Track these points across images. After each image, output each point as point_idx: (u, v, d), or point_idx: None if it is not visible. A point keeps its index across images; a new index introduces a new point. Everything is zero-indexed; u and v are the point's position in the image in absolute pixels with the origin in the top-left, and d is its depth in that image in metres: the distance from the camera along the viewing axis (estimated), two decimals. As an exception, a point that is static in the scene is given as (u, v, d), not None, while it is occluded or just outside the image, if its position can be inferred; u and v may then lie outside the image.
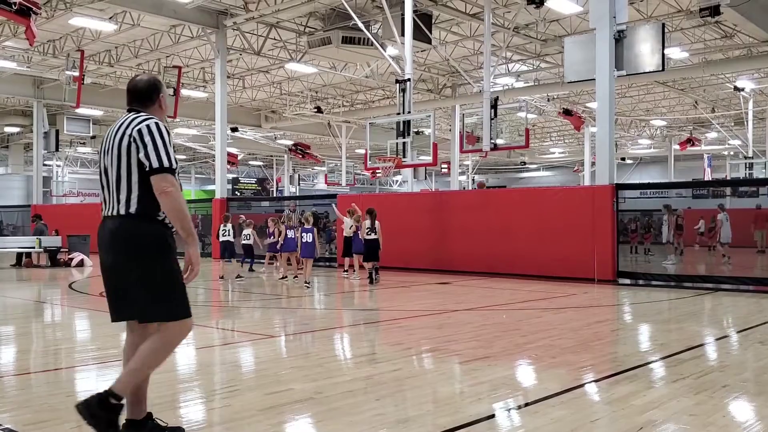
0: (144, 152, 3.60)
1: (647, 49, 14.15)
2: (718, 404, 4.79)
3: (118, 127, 3.75)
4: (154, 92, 3.92)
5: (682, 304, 11.13)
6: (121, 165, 3.66)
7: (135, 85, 3.90)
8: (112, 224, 3.71)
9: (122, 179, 3.66)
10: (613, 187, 14.14)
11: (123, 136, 3.68)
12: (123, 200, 3.66)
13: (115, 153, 3.69)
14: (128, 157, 3.65)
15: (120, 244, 3.68)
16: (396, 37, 17.26)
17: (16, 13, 14.75)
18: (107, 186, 3.76)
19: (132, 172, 3.65)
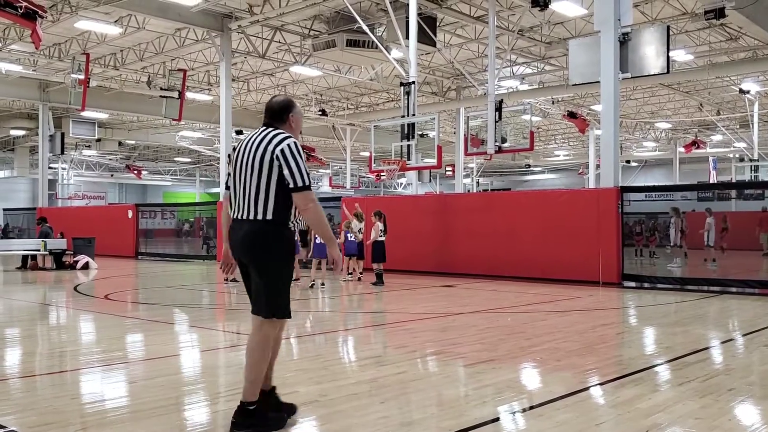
0: (288, 171, 4.05)
1: (652, 52, 14.13)
2: (724, 408, 4.77)
3: (259, 141, 4.16)
4: (285, 112, 4.36)
5: (688, 307, 11.10)
6: (262, 177, 4.09)
7: (271, 104, 4.41)
8: (249, 227, 4.13)
9: (261, 189, 4.10)
10: (618, 189, 14.11)
11: (265, 151, 4.09)
12: (261, 208, 4.09)
13: (256, 165, 4.10)
14: (269, 171, 4.08)
15: (258, 246, 4.11)
16: (400, 40, 17.27)
17: (21, 16, 14.82)
18: (243, 192, 4.18)
19: (271, 184, 4.08)
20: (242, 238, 4.16)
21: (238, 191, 4.22)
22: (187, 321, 9.82)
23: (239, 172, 4.21)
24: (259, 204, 4.10)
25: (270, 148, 4.10)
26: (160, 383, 5.60)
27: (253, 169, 4.11)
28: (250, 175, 4.12)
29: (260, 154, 4.11)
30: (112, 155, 47.91)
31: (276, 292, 4.16)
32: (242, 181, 4.17)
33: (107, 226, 25.50)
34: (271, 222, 4.10)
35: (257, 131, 4.27)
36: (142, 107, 30.83)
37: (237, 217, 4.21)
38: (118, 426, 4.36)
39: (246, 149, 4.21)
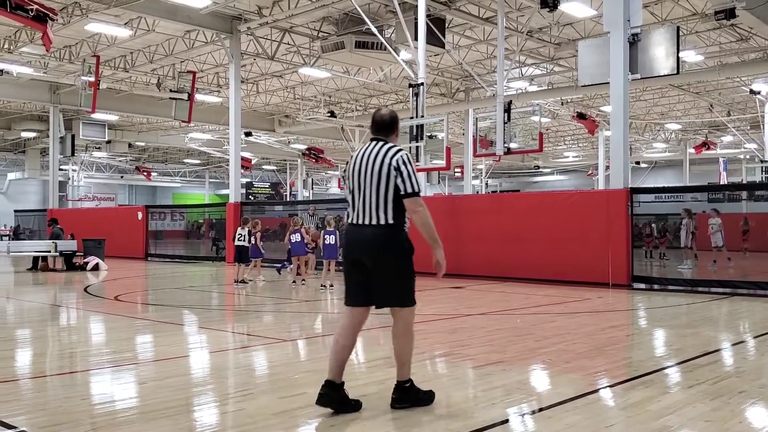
0: (401, 179, 4.56)
1: (662, 53, 14.07)
2: (735, 410, 4.74)
3: (376, 154, 4.64)
4: (394, 125, 4.85)
5: (698, 309, 11.04)
6: (381, 186, 4.59)
7: (381, 117, 4.83)
8: (372, 231, 4.62)
9: (381, 197, 4.59)
10: (628, 191, 14.05)
11: (383, 164, 4.59)
12: (382, 213, 4.60)
13: (375, 176, 4.59)
14: (387, 181, 4.58)
15: (382, 246, 4.64)
16: (409, 42, 17.27)
17: (32, 19, 14.90)
18: (363, 200, 4.65)
19: (389, 192, 4.58)
20: (365, 240, 4.64)
21: (357, 199, 4.68)
22: (197, 322, 9.85)
23: (358, 182, 4.67)
24: (380, 210, 4.60)
25: (387, 160, 4.59)
26: (170, 384, 5.62)
27: (372, 179, 4.60)
28: (370, 184, 4.60)
29: (378, 167, 4.59)
30: (122, 157, 48.13)
31: (403, 285, 4.78)
32: (362, 190, 4.64)
33: (117, 227, 25.60)
34: (391, 225, 4.63)
35: (370, 145, 4.73)
36: (151, 109, 30.96)
37: (358, 222, 4.67)
38: (127, 427, 4.38)
39: (363, 162, 4.67)
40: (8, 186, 47.42)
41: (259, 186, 56.90)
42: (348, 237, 4.78)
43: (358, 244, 4.69)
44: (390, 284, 4.74)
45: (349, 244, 4.76)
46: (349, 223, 4.77)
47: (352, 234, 4.74)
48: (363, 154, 4.70)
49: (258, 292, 13.60)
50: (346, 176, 4.82)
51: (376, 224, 4.62)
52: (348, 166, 4.80)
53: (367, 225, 4.64)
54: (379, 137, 4.77)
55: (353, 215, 4.73)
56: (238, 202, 22.72)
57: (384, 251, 4.65)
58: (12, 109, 34.25)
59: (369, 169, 4.62)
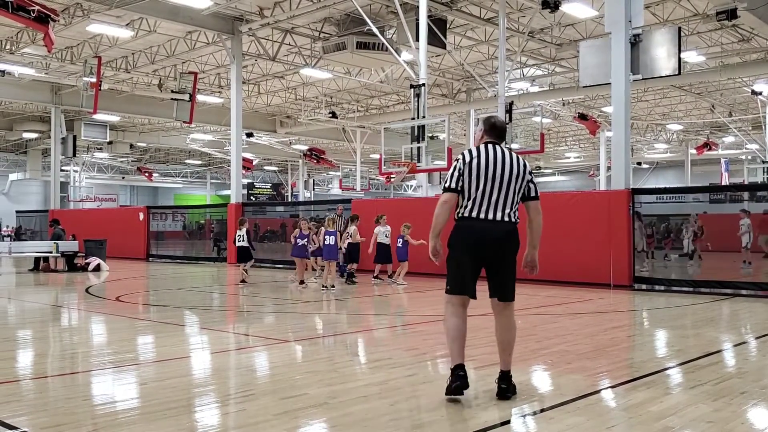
0: (533, 184, 5.13)
1: (663, 53, 14.06)
2: (737, 411, 4.74)
3: (511, 158, 5.07)
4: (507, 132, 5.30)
5: (700, 310, 11.03)
6: (518, 188, 5.03)
7: (500, 125, 5.24)
8: (509, 228, 5.01)
9: (516, 198, 5.04)
10: (629, 191, 14.05)
11: (519, 169, 5.05)
12: (514, 212, 5.03)
13: (515, 178, 5.01)
14: (522, 184, 5.05)
15: (514, 243, 5.06)
16: (411, 42, 17.27)
17: (34, 20, 14.92)
18: (496, 198, 4.98)
19: (518, 194, 5.06)
20: (502, 235, 4.98)
21: (490, 195, 4.97)
22: (198, 323, 9.85)
23: (490, 180, 4.97)
24: (513, 209, 5.02)
25: (521, 166, 5.07)
26: (171, 385, 5.62)
27: (512, 180, 5.00)
28: (508, 184, 4.99)
29: (517, 170, 5.04)
30: (124, 158, 48.17)
31: (514, 279, 5.20)
32: (500, 188, 4.98)
33: (118, 228, 25.62)
34: (516, 224, 5.04)
35: (498, 148, 5.10)
36: (153, 110, 31.00)
37: (488, 218, 4.97)
38: (129, 427, 4.38)
39: (500, 162, 5.02)
40: (10, 187, 47.46)
41: (261, 187, 56.92)
42: (477, 230, 4.99)
43: (492, 238, 4.98)
44: (512, 278, 5.14)
45: (480, 238, 4.99)
46: (473, 217, 4.98)
47: (482, 228, 4.99)
48: (496, 155, 5.04)
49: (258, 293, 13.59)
50: (470, 169, 5.00)
51: (508, 221, 5.00)
52: (474, 160, 5.01)
53: (502, 221, 4.98)
54: (496, 141, 5.15)
55: (480, 209, 4.98)
56: (239, 202, 22.73)
57: (515, 247, 5.06)
58: (14, 109, 34.29)
59: (508, 171, 5.00)
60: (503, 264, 5.06)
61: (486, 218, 4.97)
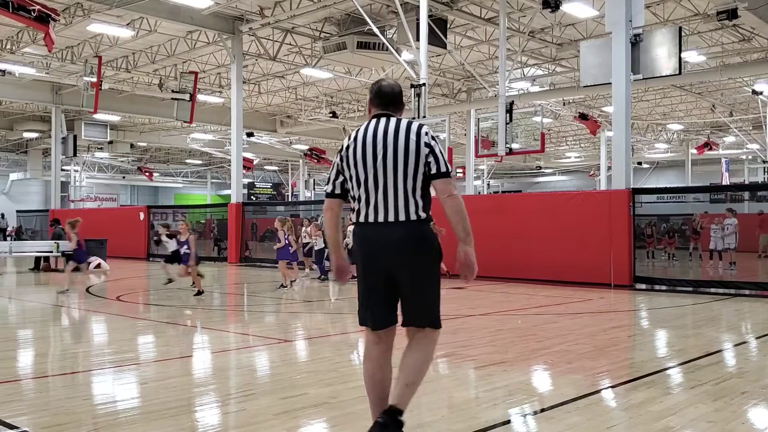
0: (433, 157, 3.80)
1: (664, 53, 14.06)
2: (737, 411, 4.73)
3: (395, 131, 3.81)
4: (402, 97, 4.06)
5: (700, 310, 11.03)
6: (409, 171, 3.80)
7: (391, 88, 4.00)
8: (404, 230, 3.85)
9: (410, 185, 3.82)
10: (630, 191, 14.05)
11: (409, 143, 3.78)
12: (413, 206, 3.83)
13: (401, 159, 3.78)
14: (417, 164, 3.79)
15: (418, 249, 3.88)
16: (411, 42, 17.26)
17: (35, 20, 14.92)
18: (384, 192, 3.85)
19: (418, 177, 3.82)
20: (396, 241, 3.75)
21: (373, 191, 3.79)
22: (198, 323, 9.85)
23: (374, 168, 3.78)
24: (410, 202, 3.77)
25: (414, 138, 3.77)
26: (172, 384, 5.62)
27: (397, 163, 3.75)
28: (394, 170, 3.75)
29: (404, 146, 3.76)
30: (124, 157, 48.17)
31: (438, 298, 3.93)
32: (382, 178, 3.77)
33: (119, 227, 25.63)
34: (425, 220, 3.82)
35: (381, 122, 3.87)
36: (153, 109, 30.99)
37: (378, 220, 3.79)
38: (129, 427, 4.38)
39: (379, 142, 3.79)
40: (10, 186, 47.46)
41: (261, 186, 56.89)
42: (366, 240, 3.86)
43: (384, 247, 3.78)
44: (426, 297, 3.87)
45: (371, 249, 3.84)
46: (362, 222, 3.86)
47: (372, 236, 3.83)
48: (375, 134, 3.82)
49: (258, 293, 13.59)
50: (344, 163, 3.87)
51: (406, 220, 3.76)
52: (348, 150, 3.86)
53: (395, 222, 3.77)
54: (387, 112, 3.94)
55: (367, 212, 3.82)
56: (239, 202, 22.73)
57: (420, 255, 3.81)
58: (14, 109, 34.29)
59: (391, 151, 3.76)
60: (408, 279, 3.79)
61: (376, 221, 3.80)
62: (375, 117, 3.92)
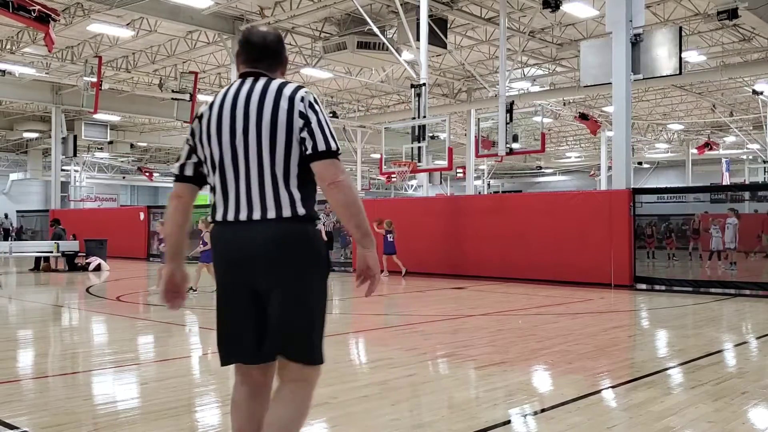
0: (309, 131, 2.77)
1: (664, 53, 14.07)
2: (738, 411, 4.73)
3: (261, 96, 2.80)
4: (283, 49, 2.99)
5: (701, 310, 11.02)
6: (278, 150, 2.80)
7: (264, 37, 2.92)
8: (274, 230, 2.83)
9: (279, 169, 2.82)
10: (630, 191, 14.05)
11: (278, 111, 2.76)
12: (285, 198, 2.81)
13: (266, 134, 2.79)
14: (289, 140, 2.79)
15: (291, 257, 2.84)
16: (411, 42, 17.27)
17: (35, 20, 14.92)
18: (246, 180, 2.86)
19: (292, 158, 2.81)
20: (260, 247, 2.75)
21: (229, 180, 2.80)
22: (198, 323, 9.85)
23: (229, 148, 2.78)
24: (280, 192, 2.75)
25: (285, 104, 2.74)
26: (172, 385, 5.62)
27: (261, 139, 2.73)
28: (257, 149, 2.74)
29: (270, 115, 2.73)
30: (124, 157, 48.19)
31: (321, 323, 2.90)
32: (243, 162, 2.76)
33: (119, 228, 25.62)
34: (306, 218, 2.78)
35: (243, 84, 2.84)
36: (153, 110, 30.99)
37: (240, 218, 2.78)
38: (129, 427, 4.38)
39: (239, 111, 2.77)
40: (10, 186, 47.45)
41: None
42: (224, 246, 2.84)
43: (247, 255, 2.78)
44: (300, 321, 2.81)
45: (230, 258, 2.82)
46: (219, 222, 2.86)
47: (231, 240, 2.81)
48: (235, 100, 2.80)
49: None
50: (197, 139, 2.88)
51: (276, 218, 2.75)
52: (201, 121, 2.86)
53: (261, 221, 2.76)
54: (258, 70, 2.86)
55: (225, 207, 2.82)
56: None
57: (295, 265, 2.77)
58: (14, 109, 34.29)
59: (254, 123, 2.74)
60: (279, 297, 2.78)
61: (237, 219, 2.78)
62: (242, 77, 2.88)
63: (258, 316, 2.84)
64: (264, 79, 2.83)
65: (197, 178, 2.95)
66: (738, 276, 16.16)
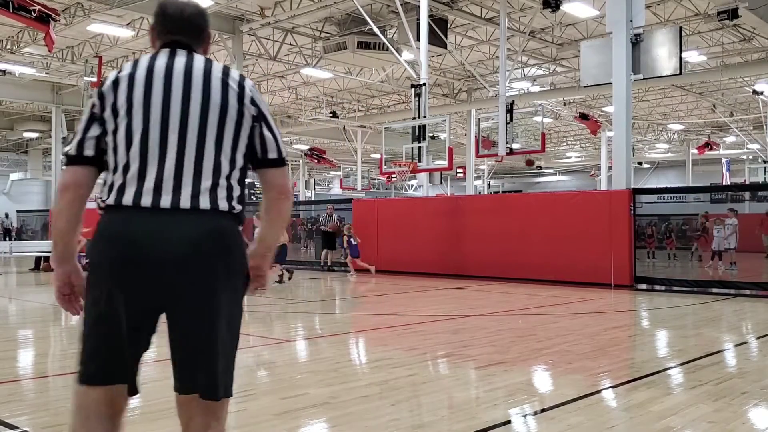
0: (267, 130, 2.52)
1: (664, 53, 14.07)
2: (738, 411, 4.73)
3: (204, 73, 2.41)
4: (207, 25, 2.61)
5: (701, 310, 11.02)
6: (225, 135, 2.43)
7: (179, 7, 2.52)
8: (200, 223, 2.35)
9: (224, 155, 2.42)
10: (630, 191, 14.04)
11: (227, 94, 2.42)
12: (223, 189, 2.40)
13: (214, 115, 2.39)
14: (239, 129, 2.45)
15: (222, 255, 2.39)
16: (411, 42, 17.27)
17: (35, 19, 14.93)
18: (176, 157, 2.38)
19: (239, 148, 2.47)
20: (192, 244, 2.26)
21: (152, 157, 2.29)
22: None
23: (158, 120, 2.31)
24: (221, 182, 2.35)
25: (233, 86, 2.40)
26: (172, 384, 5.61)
27: (207, 119, 2.34)
28: (200, 127, 2.33)
29: (221, 98, 2.37)
30: (125, 157, 48.20)
31: (235, 347, 2.50)
32: (177, 138, 2.31)
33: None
34: (238, 218, 2.40)
35: (174, 54, 2.43)
36: (154, 109, 30.98)
37: (163, 205, 2.27)
38: (129, 427, 4.36)
39: (174, 82, 2.35)
40: (11, 186, 47.47)
41: (261, 186, 56.88)
42: (123, 236, 2.28)
43: (163, 252, 2.24)
44: (220, 345, 2.40)
45: (131, 253, 2.25)
46: (123, 206, 2.30)
47: (143, 228, 2.26)
48: (169, 70, 2.37)
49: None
50: (111, 108, 2.36)
51: (208, 208, 2.30)
52: (118, 87, 2.36)
53: (191, 211, 2.28)
54: (180, 39, 2.47)
55: (139, 188, 2.28)
56: (240, 202, 22.70)
57: (231, 266, 2.36)
58: (14, 109, 34.30)
59: (198, 99, 2.34)
60: (200, 308, 2.32)
61: (156, 206, 2.26)
62: (165, 47, 2.46)
63: (144, 335, 2.45)
64: (201, 56, 2.47)
65: (98, 159, 2.39)
66: (738, 276, 16.16)
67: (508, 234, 15.60)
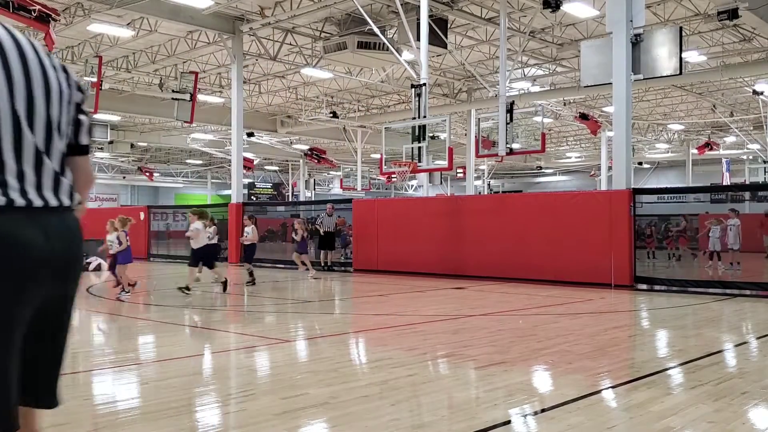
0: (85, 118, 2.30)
1: (664, 53, 14.06)
2: (738, 411, 4.73)
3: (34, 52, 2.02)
4: None
5: (701, 310, 11.02)
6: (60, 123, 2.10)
7: None
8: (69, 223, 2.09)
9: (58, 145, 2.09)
10: (630, 191, 14.04)
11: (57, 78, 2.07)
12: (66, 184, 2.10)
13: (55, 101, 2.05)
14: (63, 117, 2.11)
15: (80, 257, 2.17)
16: (411, 42, 17.26)
17: (35, 19, 14.93)
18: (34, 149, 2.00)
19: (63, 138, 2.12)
20: (68, 247, 2.02)
21: (7, 151, 1.89)
22: (199, 323, 9.85)
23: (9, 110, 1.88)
24: (66, 173, 2.09)
25: (59, 68, 2.09)
26: (172, 385, 5.62)
27: (51, 103, 2.01)
28: (46, 117, 1.99)
29: (57, 83, 2.05)
30: (125, 157, 48.16)
31: None
32: (27, 129, 1.93)
33: (119, 227, 25.59)
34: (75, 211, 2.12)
35: None
36: (154, 109, 30.99)
37: (36, 204, 1.94)
38: (129, 427, 4.37)
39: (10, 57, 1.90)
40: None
41: (261, 186, 56.91)
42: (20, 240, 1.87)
43: (48, 259, 1.94)
44: (63, 354, 2.26)
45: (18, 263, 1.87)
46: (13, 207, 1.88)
47: (21, 234, 1.88)
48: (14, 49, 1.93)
49: (258, 293, 13.59)
50: None
51: (68, 206, 2.06)
52: None
53: (59, 209, 2.02)
54: None
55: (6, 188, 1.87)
56: (240, 202, 22.73)
57: (79, 275, 2.14)
58: (15, 109, 34.29)
59: (39, 84, 1.97)
60: (59, 318, 2.17)
61: (29, 204, 1.92)
62: None
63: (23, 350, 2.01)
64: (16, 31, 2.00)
65: None
66: (738, 276, 16.16)
67: (508, 234, 15.60)
